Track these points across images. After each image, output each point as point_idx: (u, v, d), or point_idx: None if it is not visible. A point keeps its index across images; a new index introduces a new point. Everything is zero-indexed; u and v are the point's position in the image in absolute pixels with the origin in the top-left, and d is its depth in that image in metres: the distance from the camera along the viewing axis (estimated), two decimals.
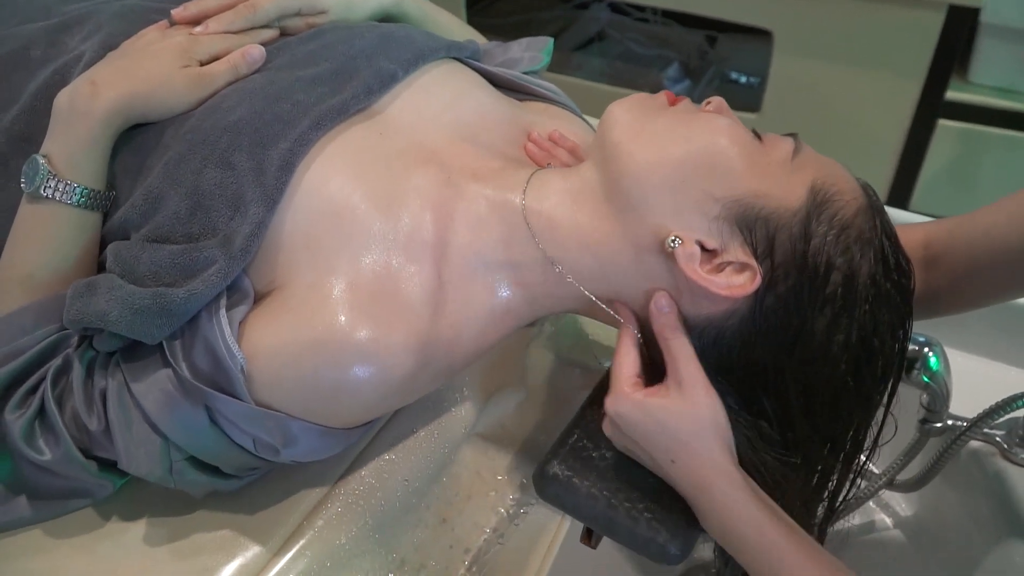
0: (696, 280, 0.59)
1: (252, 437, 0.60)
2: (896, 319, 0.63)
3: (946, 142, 1.67)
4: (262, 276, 0.62)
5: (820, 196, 0.61)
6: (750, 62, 2.03)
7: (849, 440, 0.65)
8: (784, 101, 1.75)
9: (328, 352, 0.59)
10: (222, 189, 0.61)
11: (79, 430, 0.61)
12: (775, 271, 0.60)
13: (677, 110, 0.65)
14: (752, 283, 0.59)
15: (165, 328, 0.58)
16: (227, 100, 0.66)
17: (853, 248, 0.60)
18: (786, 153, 0.62)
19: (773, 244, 0.60)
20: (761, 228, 0.60)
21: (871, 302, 0.61)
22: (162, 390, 0.58)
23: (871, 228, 0.62)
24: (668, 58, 2.07)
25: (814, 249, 0.60)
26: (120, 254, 0.62)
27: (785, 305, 0.60)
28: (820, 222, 0.60)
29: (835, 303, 0.60)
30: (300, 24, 0.76)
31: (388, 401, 0.64)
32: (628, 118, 0.64)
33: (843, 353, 0.61)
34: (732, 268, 0.60)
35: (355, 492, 0.67)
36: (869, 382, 0.63)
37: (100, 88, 0.64)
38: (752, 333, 0.61)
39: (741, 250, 0.60)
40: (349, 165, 0.64)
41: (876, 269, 0.61)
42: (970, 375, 0.90)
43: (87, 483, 0.62)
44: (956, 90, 1.62)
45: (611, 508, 0.63)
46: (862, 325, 0.61)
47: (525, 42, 0.90)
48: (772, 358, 0.61)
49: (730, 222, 0.60)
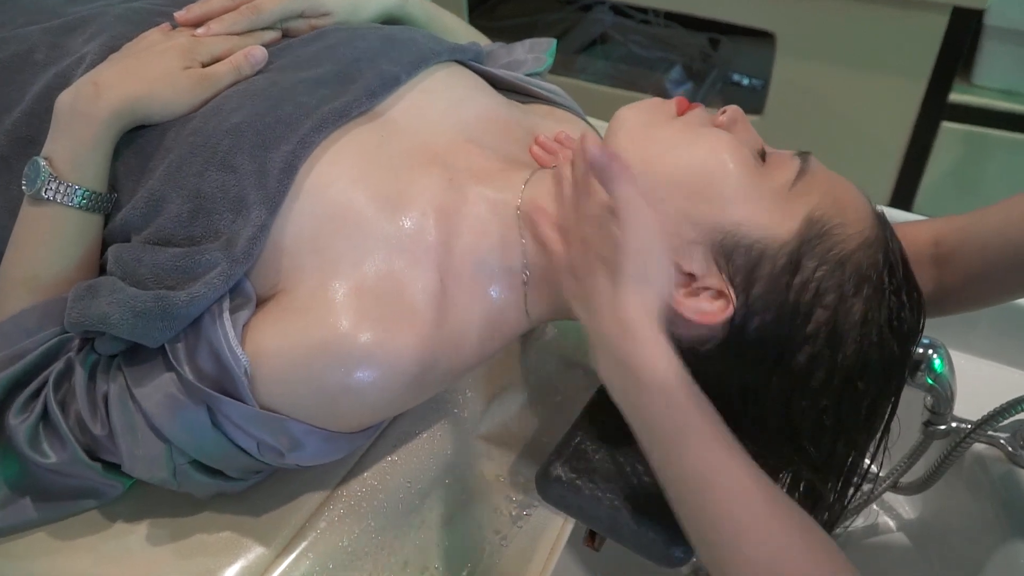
0: (666, 302, 0.58)
1: (256, 441, 0.60)
2: (890, 364, 0.60)
3: (950, 144, 1.66)
4: (265, 280, 0.62)
5: (817, 228, 0.59)
6: (753, 64, 2.03)
7: (835, 467, 0.63)
8: (787, 103, 1.74)
9: (333, 355, 0.58)
10: (224, 192, 0.61)
11: (84, 434, 0.61)
12: (753, 303, 0.58)
13: (685, 120, 0.63)
14: (723, 312, 0.58)
15: (167, 331, 0.58)
16: (229, 102, 0.66)
17: (846, 285, 0.58)
18: (787, 179, 0.60)
19: (753, 275, 0.58)
20: (741, 257, 0.59)
21: (859, 343, 0.59)
22: (165, 393, 0.58)
23: (872, 264, 0.59)
24: (671, 60, 2.07)
25: (799, 283, 0.58)
26: (121, 256, 0.62)
27: (762, 338, 0.59)
28: (811, 256, 0.58)
29: (817, 341, 0.58)
30: (303, 26, 0.76)
31: (393, 404, 0.64)
32: (633, 123, 0.63)
33: (822, 391, 0.60)
34: (707, 294, 0.59)
35: (358, 494, 0.67)
36: (852, 421, 0.61)
37: (102, 89, 0.63)
38: (728, 361, 0.60)
39: (716, 278, 0.59)
40: (352, 167, 0.64)
41: (870, 307, 0.59)
42: (974, 377, 0.89)
43: (97, 483, 0.62)
44: (960, 92, 1.61)
45: (615, 510, 0.63)
46: (847, 367, 0.59)
47: (529, 43, 0.90)
48: (751, 385, 0.60)
49: (706, 247, 0.59)
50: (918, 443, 0.87)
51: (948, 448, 0.83)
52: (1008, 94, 1.62)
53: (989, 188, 1.70)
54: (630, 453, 0.66)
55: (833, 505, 0.65)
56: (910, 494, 0.92)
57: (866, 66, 1.63)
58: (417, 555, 0.67)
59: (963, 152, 1.67)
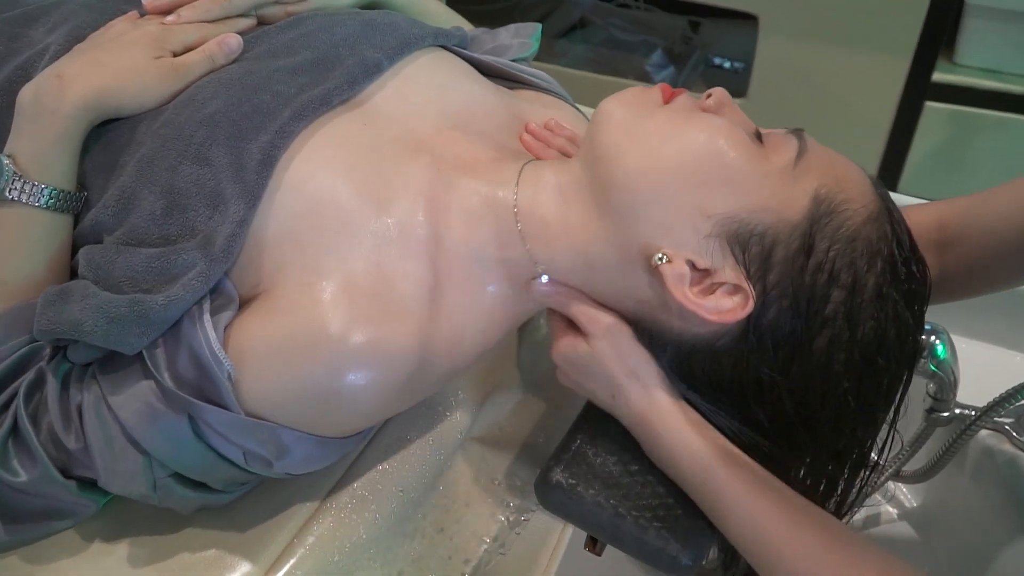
0: (684, 303, 0.57)
1: (242, 450, 0.57)
2: (905, 333, 0.59)
3: (934, 124, 1.66)
4: (246, 279, 0.59)
5: (824, 206, 0.57)
6: (734, 47, 2.01)
7: (854, 452, 0.62)
8: (771, 85, 1.73)
9: (322, 357, 0.56)
10: (199, 187, 0.58)
11: (57, 448, 0.58)
12: (770, 291, 0.57)
13: (673, 108, 0.61)
14: (744, 308, 0.56)
15: (144, 337, 0.55)
16: (202, 92, 0.63)
17: (859, 261, 0.57)
18: (788, 159, 0.58)
19: (768, 262, 0.57)
20: (756, 245, 0.57)
21: (876, 319, 0.58)
22: (143, 402, 0.55)
23: (881, 236, 0.58)
24: (651, 44, 2.05)
25: (813, 266, 0.56)
26: (93, 259, 0.59)
27: (781, 325, 0.57)
28: (823, 235, 0.57)
29: (836, 323, 0.57)
30: (279, 12, 0.73)
31: (388, 407, 0.62)
32: (619, 117, 0.60)
33: (844, 372, 0.58)
34: (723, 290, 0.57)
35: (347, 505, 0.64)
36: (873, 399, 0.60)
37: (67, 82, 0.60)
38: (745, 353, 0.58)
39: (733, 271, 0.57)
40: (335, 157, 0.61)
41: (884, 281, 0.58)
42: (976, 362, 0.88)
43: (68, 503, 0.59)
44: (943, 72, 1.61)
45: (618, 517, 0.61)
46: (866, 344, 0.58)
47: (513, 28, 0.87)
48: (767, 376, 0.58)
49: (722, 240, 0.57)
50: (920, 430, 0.86)
51: (953, 436, 0.82)
52: (991, 72, 1.62)
53: (974, 166, 1.71)
54: (632, 456, 0.63)
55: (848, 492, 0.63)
56: (913, 482, 0.90)
57: (850, 46, 1.63)
58: (412, 567, 0.65)
59: (947, 131, 1.68)
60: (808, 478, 0.63)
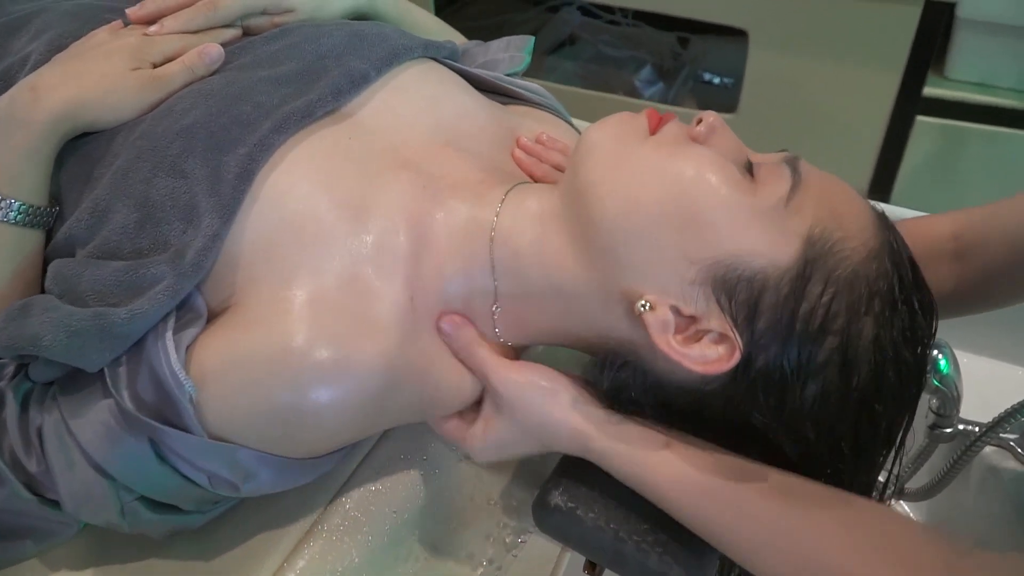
0: (668, 353, 0.54)
1: (206, 473, 0.55)
2: (906, 376, 0.56)
3: (925, 138, 1.66)
4: (217, 294, 0.57)
5: (819, 247, 0.54)
6: (723, 63, 2.01)
7: (857, 487, 0.59)
8: (761, 100, 1.72)
9: (285, 373, 0.53)
10: (173, 199, 0.56)
11: (19, 472, 0.55)
12: (758, 339, 0.54)
13: (659, 141, 0.57)
14: (729, 359, 0.53)
15: (106, 353, 0.53)
16: (181, 103, 0.61)
17: (855, 305, 0.54)
18: (780, 195, 0.55)
19: (757, 308, 0.53)
20: (744, 291, 0.53)
21: (873, 363, 0.55)
22: (102, 423, 0.53)
23: (881, 274, 0.55)
24: (641, 60, 2.05)
25: (805, 312, 0.53)
26: (61, 272, 0.57)
27: (770, 374, 0.54)
28: (817, 280, 0.53)
29: (827, 371, 0.54)
30: (265, 23, 0.71)
31: (352, 429, 0.59)
32: (604, 150, 0.58)
33: (839, 420, 0.55)
34: (710, 338, 0.54)
35: (339, 527, 0.62)
36: (871, 445, 0.57)
37: (41, 93, 0.58)
38: (734, 398, 0.56)
39: (719, 320, 0.54)
40: (315, 171, 0.59)
41: (882, 321, 0.54)
42: (979, 377, 0.86)
43: (45, 521, 0.57)
44: (934, 86, 1.60)
45: (619, 541, 0.58)
46: (861, 390, 0.55)
47: (505, 41, 0.85)
48: (758, 419, 0.56)
49: (707, 287, 0.54)
50: (923, 447, 0.84)
51: (957, 452, 0.80)
52: (982, 87, 1.61)
53: (966, 181, 1.69)
54: None
55: None
56: (916, 501, 0.88)
57: (840, 60, 1.62)
58: None
59: (938, 145, 1.67)
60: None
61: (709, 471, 0.55)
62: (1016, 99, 1.57)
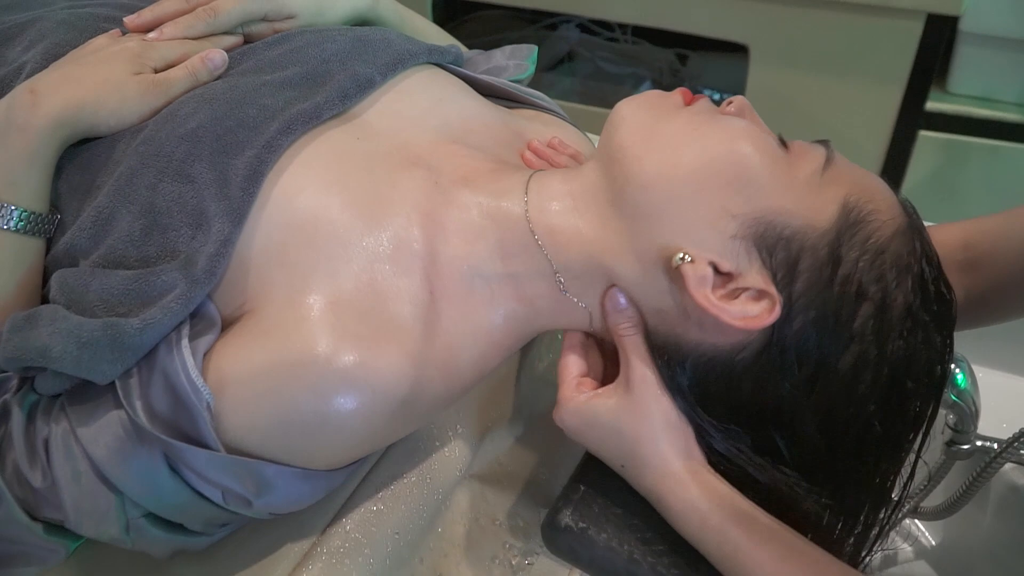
0: (706, 307, 0.53)
1: (221, 488, 0.53)
2: (934, 356, 0.56)
3: (928, 153, 1.65)
4: (230, 301, 0.55)
5: (853, 215, 0.54)
6: (723, 79, 2.01)
7: (876, 486, 0.58)
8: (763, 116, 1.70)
9: (309, 380, 0.52)
10: (180, 205, 0.55)
11: (22, 488, 0.53)
12: (796, 300, 0.53)
13: (694, 111, 0.58)
14: (770, 314, 0.53)
15: (117, 364, 0.51)
16: (184, 107, 0.59)
17: (888, 275, 0.54)
18: (816, 165, 0.56)
19: (795, 269, 0.53)
20: (782, 250, 0.53)
21: (906, 338, 0.54)
22: (114, 435, 0.51)
23: (910, 252, 0.55)
24: (640, 76, 2.05)
25: (842, 276, 0.53)
26: (66, 282, 0.55)
27: (805, 339, 0.54)
28: (851, 245, 0.54)
29: (864, 338, 0.54)
30: (266, 30, 0.71)
31: (379, 435, 0.58)
32: (637, 118, 0.58)
33: (871, 394, 0.55)
34: (748, 295, 0.53)
35: (340, 549, 0.60)
36: (899, 426, 0.57)
37: (40, 97, 0.57)
38: (766, 368, 0.55)
39: (759, 275, 0.54)
40: (326, 172, 0.58)
41: (913, 299, 0.55)
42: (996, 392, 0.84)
43: (34, 547, 0.54)
44: (936, 100, 1.60)
45: (633, 563, 0.56)
46: (894, 364, 0.55)
47: (509, 50, 0.85)
48: (788, 397, 0.55)
49: (748, 242, 0.54)
50: (939, 464, 0.82)
51: (975, 470, 0.78)
52: (984, 101, 1.61)
53: (969, 195, 1.69)
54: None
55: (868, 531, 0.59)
56: (932, 519, 0.86)
57: (842, 75, 1.62)
58: None
59: (941, 160, 1.67)
60: (826, 517, 0.59)
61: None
62: (1019, 113, 1.57)
